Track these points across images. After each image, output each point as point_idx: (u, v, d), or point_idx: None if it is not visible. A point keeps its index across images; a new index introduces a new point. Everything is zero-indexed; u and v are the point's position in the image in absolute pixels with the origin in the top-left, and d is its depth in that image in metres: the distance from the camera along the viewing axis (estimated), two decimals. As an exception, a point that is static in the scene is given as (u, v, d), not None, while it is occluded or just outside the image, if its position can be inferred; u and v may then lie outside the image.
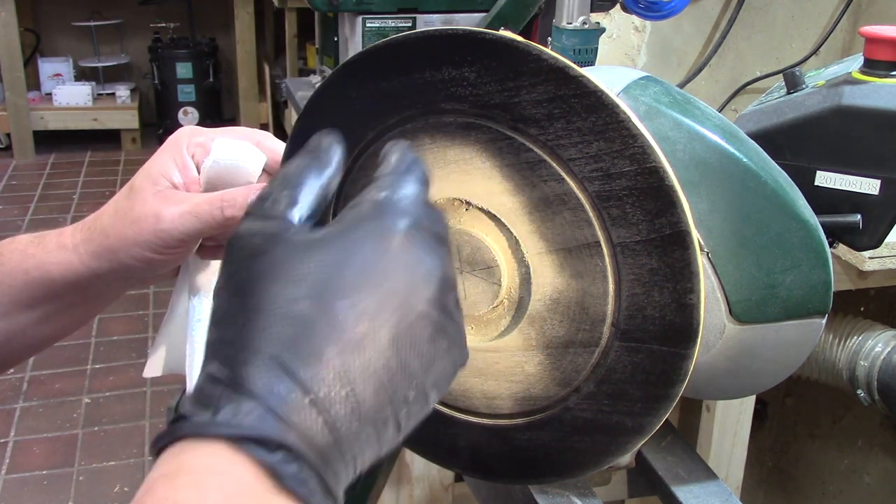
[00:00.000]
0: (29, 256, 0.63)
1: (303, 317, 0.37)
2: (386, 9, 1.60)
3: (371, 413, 0.37)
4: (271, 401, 0.35)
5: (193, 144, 0.62)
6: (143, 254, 0.60)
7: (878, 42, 0.77)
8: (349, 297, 0.37)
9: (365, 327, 0.37)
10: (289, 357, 0.36)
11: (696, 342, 0.52)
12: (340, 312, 0.37)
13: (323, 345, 0.36)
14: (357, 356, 0.37)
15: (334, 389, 0.36)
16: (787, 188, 0.65)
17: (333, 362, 0.36)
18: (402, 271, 0.39)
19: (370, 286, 0.38)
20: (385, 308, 0.38)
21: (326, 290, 0.37)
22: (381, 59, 0.55)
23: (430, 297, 0.40)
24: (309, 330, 0.37)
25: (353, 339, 0.37)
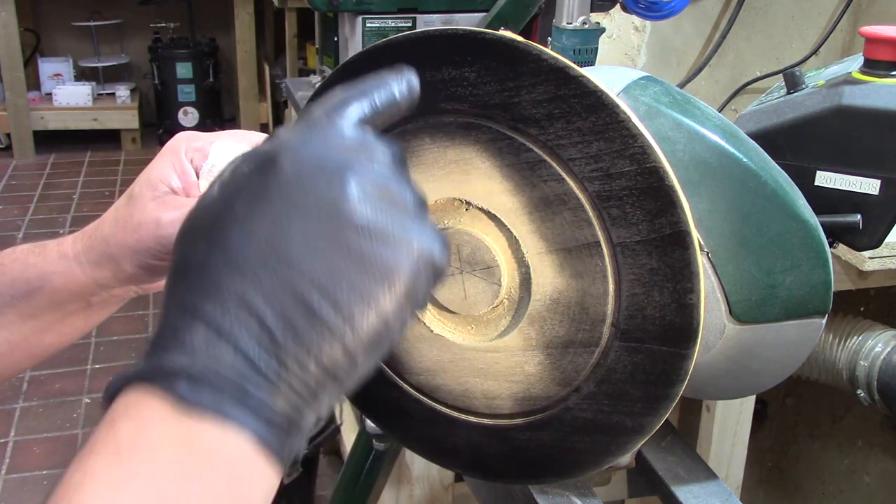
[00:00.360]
0: (30, 266, 0.63)
1: (199, 258, 0.38)
2: (386, 9, 1.60)
3: (292, 330, 0.37)
4: (178, 342, 0.36)
5: (192, 149, 0.62)
6: (145, 260, 0.60)
7: (878, 42, 0.77)
8: (238, 224, 0.38)
9: (256, 248, 0.37)
10: (195, 298, 0.37)
11: (696, 342, 0.52)
12: (230, 241, 0.38)
13: (223, 280, 0.37)
14: (256, 279, 0.37)
15: (240, 317, 0.36)
16: (787, 188, 0.65)
17: (236, 292, 0.37)
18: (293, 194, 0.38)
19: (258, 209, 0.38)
20: (277, 229, 0.38)
21: (216, 224, 0.38)
22: (380, 59, 0.55)
23: (332, 212, 0.38)
24: (209, 268, 0.37)
25: (244, 263, 0.37)
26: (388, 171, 0.40)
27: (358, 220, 0.38)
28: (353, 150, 0.40)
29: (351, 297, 0.37)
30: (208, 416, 0.35)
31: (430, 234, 0.40)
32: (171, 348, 0.36)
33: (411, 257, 0.39)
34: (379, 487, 1.33)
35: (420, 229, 0.39)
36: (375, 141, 0.41)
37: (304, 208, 0.38)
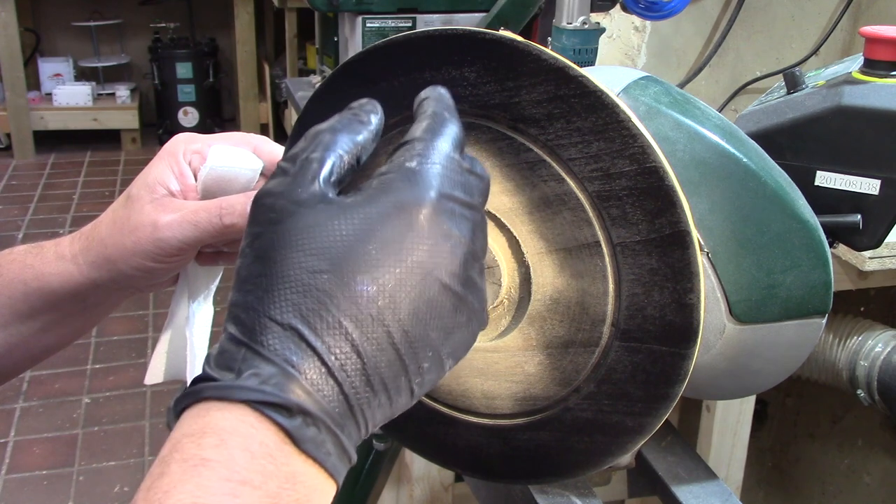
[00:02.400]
0: (27, 267, 0.62)
1: (323, 289, 0.39)
2: (386, 9, 1.60)
3: (385, 382, 0.40)
4: (290, 369, 0.38)
5: (190, 151, 0.62)
6: (142, 263, 0.60)
7: (878, 42, 0.77)
8: (369, 272, 0.39)
9: (383, 302, 0.39)
10: (308, 328, 0.38)
11: (696, 342, 0.52)
12: (359, 286, 0.39)
13: (340, 318, 0.39)
14: (373, 329, 0.39)
15: (350, 360, 0.39)
16: (787, 188, 0.65)
17: (350, 335, 0.39)
18: (427, 246, 0.40)
19: (392, 262, 0.40)
20: (405, 283, 0.40)
21: (347, 264, 0.39)
22: (381, 58, 0.55)
23: (453, 272, 0.41)
24: (327, 303, 0.39)
25: (371, 313, 0.39)
26: (483, 224, 0.44)
27: (458, 289, 0.41)
28: (466, 205, 0.43)
29: (431, 363, 0.41)
30: (314, 463, 0.38)
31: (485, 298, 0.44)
32: (275, 371, 0.38)
33: (478, 328, 0.43)
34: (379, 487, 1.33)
35: (484, 293, 0.43)
36: (473, 185, 0.44)
37: (423, 266, 0.41)
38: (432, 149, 0.43)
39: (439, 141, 0.43)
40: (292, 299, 0.39)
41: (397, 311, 0.39)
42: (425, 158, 0.42)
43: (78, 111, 4.29)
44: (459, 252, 0.41)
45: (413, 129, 0.44)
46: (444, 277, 0.41)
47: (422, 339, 0.40)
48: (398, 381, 0.40)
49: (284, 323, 0.38)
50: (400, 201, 0.41)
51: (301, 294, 0.39)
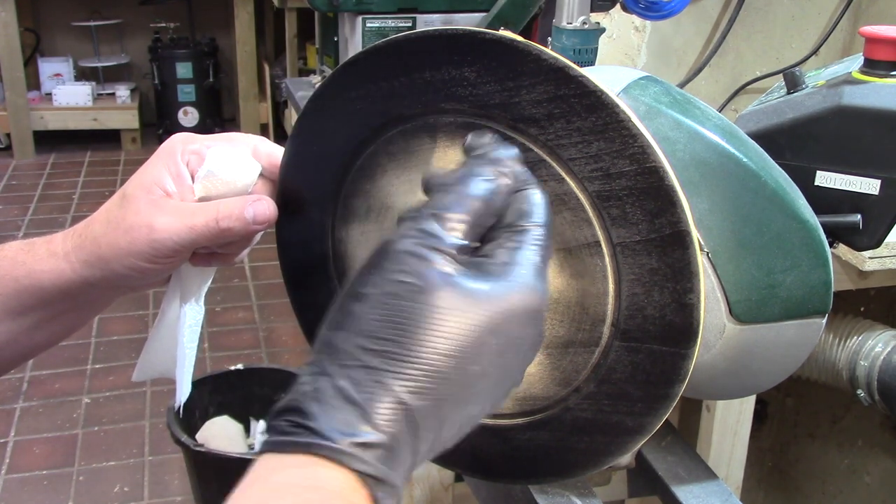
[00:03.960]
0: (19, 264, 0.62)
1: (443, 375, 0.42)
2: (386, 9, 1.60)
3: (441, 445, 0.44)
4: (396, 447, 0.41)
5: (188, 152, 0.61)
6: (136, 263, 0.59)
7: (878, 42, 0.77)
8: (481, 364, 0.43)
9: (481, 390, 0.44)
10: (419, 415, 0.41)
11: (696, 342, 0.52)
12: (472, 378, 0.43)
13: (448, 411, 0.42)
14: (464, 416, 0.44)
15: (435, 443, 0.43)
16: (787, 188, 0.65)
17: (448, 421, 0.43)
18: (520, 345, 0.45)
19: (497, 355, 0.44)
20: (502, 374, 0.45)
21: (469, 352, 0.42)
22: (381, 58, 0.55)
23: (525, 358, 0.47)
24: (443, 390, 0.42)
25: (470, 404, 0.43)
26: None
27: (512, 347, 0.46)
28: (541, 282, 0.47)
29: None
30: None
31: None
32: (380, 448, 0.41)
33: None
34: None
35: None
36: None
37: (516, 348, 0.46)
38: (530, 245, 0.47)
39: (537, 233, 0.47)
40: (415, 377, 0.41)
41: (484, 396, 0.44)
42: (537, 252, 0.46)
43: (78, 111, 4.29)
44: (534, 343, 0.47)
45: (512, 214, 0.48)
46: (521, 363, 0.47)
47: (487, 408, 0.45)
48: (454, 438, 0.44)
49: (402, 398, 0.41)
50: (523, 300, 0.45)
51: (425, 375, 0.41)
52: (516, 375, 0.47)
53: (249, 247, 0.67)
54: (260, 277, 3.12)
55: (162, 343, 0.69)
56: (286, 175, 0.63)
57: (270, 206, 0.60)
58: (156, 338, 0.69)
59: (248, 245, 0.66)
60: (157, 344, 0.69)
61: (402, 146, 0.56)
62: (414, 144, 0.56)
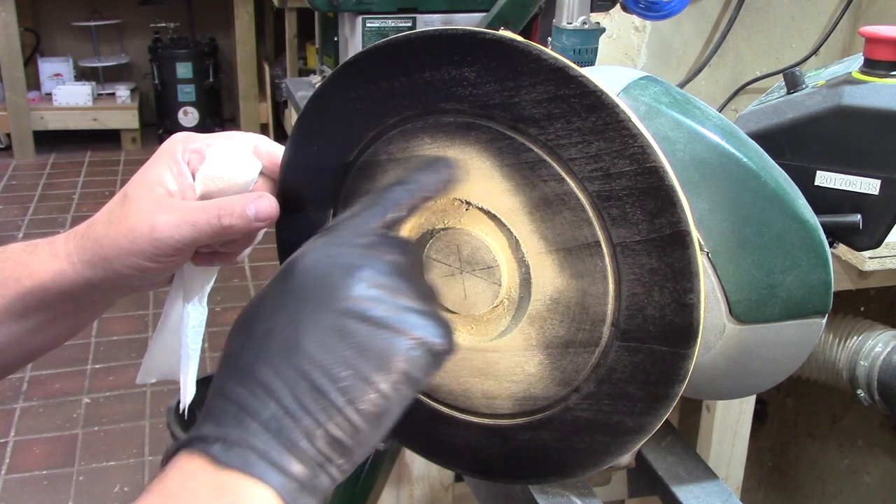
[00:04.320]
0: (21, 265, 0.62)
1: (234, 350, 0.47)
2: (386, 9, 1.60)
3: (305, 406, 0.44)
4: (215, 416, 0.45)
5: (188, 151, 0.61)
6: (138, 262, 0.59)
7: (878, 42, 0.77)
8: (263, 320, 0.46)
9: (276, 339, 0.45)
10: (226, 383, 0.46)
11: (696, 342, 0.52)
12: (257, 335, 0.46)
13: (246, 365, 0.46)
14: (271, 366, 0.45)
15: (261, 396, 0.44)
16: (787, 188, 0.65)
17: (255, 376, 0.45)
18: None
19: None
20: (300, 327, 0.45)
21: (248, 322, 0.48)
22: (381, 59, 0.55)
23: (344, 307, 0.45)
24: (238, 358, 0.47)
25: (266, 353, 0.45)
26: (395, 268, 0.47)
27: (358, 310, 0.45)
28: (364, 251, 0.47)
29: (352, 379, 0.44)
30: (237, 472, 0.42)
31: (431, 322, 0.47)
32: (210, 422, 0.44)
33: (407, 344, 0.45)
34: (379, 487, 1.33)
35: (420, 319, 0.46)
36: (387, 242, 0.49)
37: (315, 302, 0.45)
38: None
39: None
40: (223, 367, 0.47)
41: (297, 348, 0.44)
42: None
43: (78, 111, 4.29)
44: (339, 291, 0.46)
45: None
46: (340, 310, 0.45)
47: (329, 363, 0.44)
48: (319, 401, 0.44)
49: (217, 387, 0.45)
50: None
51: (226, 362, 0.47)
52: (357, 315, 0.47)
53: (251, 245, 0.67)
54: (260, 277, 3.11)
55: (165, 344, 0.69)
56: (286, 175, 0.63)
57: (272, 203, 0.60)
58: (159, 339, 0.69)
59: (249, 244, 0.66)
60: (161, 345, 0.69)
61: (402, 146, 0.56)
62: (414, 144, 0.56)
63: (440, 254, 0.57)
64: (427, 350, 0.46)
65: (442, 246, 0.57)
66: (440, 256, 0.57)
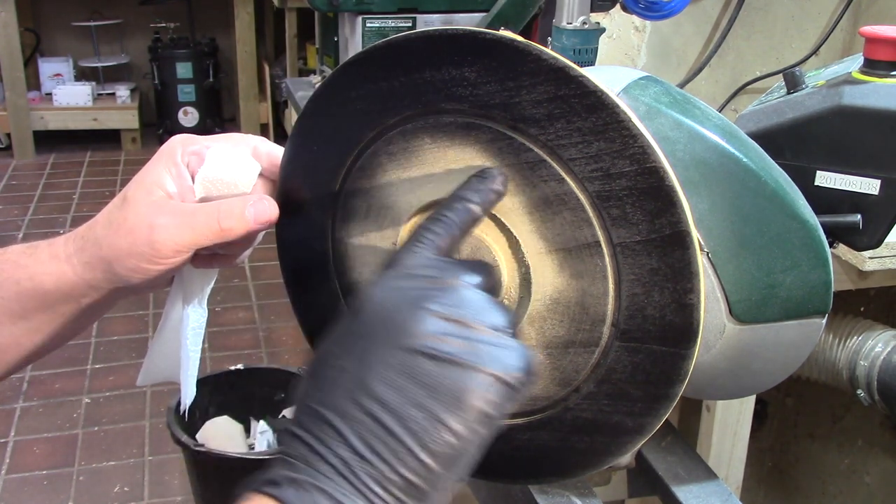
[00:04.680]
0: (21, 267, 0.62)
1: (303, 395, 0.47)
2: (386, 9, 1.60)
3: (373, 449, 0.43)
4: (286, 460, 0.44)
5: (188, 153, 0.61)
6: (138, 265, 0.59)
7: (878, 42, 0.77)
8: (331, 363, 0.46)
9: (343, 383, 0.45)
10: (296, 428, 0.45)
11: (696, 342, 0.52)
12: (325, 379, 0.45)
13: (315, 410, 0.45)
14: (339, 409, 0.44)
15: (331, 440, 0.44)
16: (787, 188, 0.65)
17: (324, 420, 0.45)
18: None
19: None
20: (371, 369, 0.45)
21: (318, 366, 0.47)
22: (381, 58, 0.55)
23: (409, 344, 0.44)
24: (306, 403, 0.46)
25: (333, 397, 0.45)
26: (465, 296, 0.46)
27: (427, 347, 0.43)
28: (429, 282, 0.46)
29: (423, 421, 0.43)
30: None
31: (505, 354, 0.45)
32: (280, 466, 0.44)
33: (481, 380, 0.44)
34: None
35: (494, 351, 0.44)
36: (453, 268, 0.48)
37: (383, 340, 0.44)
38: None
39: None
40: (295, 413, 0.46)
41: (366, 389, 0.43)
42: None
43: (78, 111, 4.29)
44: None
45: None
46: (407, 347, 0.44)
47: (398, 404, 0.43)
48: (390, 444, 0.43)
49: (287, 431, 0.45)
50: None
51: (297, 407, 0.46)
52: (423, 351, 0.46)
53: (251, 248, 0.67)
54: (260, 277, 3.12)
55: (165, 347, 0.69)
56: (286, 175, 0.63)
57: (271, 206, 0.60)
58: (159, 341, 0.69)
59: (249, 246, 0.66)
60: (161, 348, 0.69)
61: (402, 146, 0.56)
62: (414, 144, 0.56)
63: (440, 254, 0.57)
64: (503, 384, 0.44)
65: (442, 246, 0.57)
66: (440, 256, 0.57)
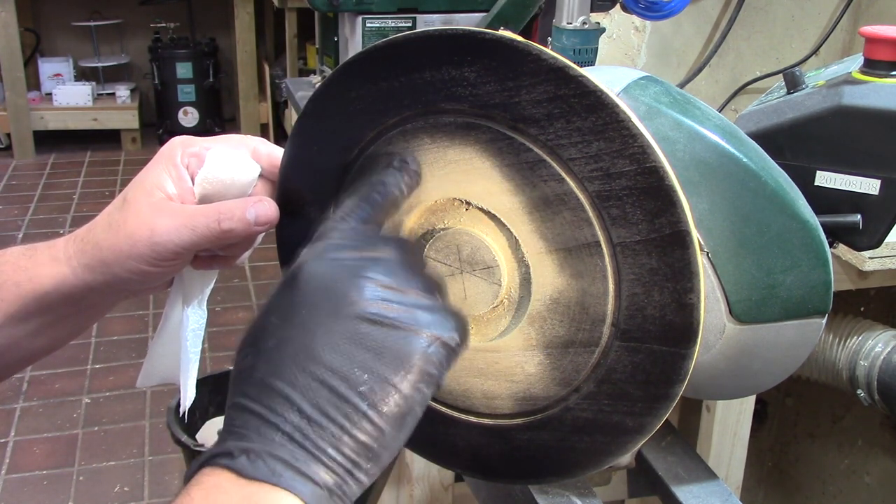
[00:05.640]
0: (21, 269, 0.62)
1: (247, 365, 0.46)
2: (386, 9, 1.60)
3: (325, 413, 0.44)
4: (237, 431, 0.45)
5: (188, 155, 0.61)
6: (138, 266, 0.59)
7: (878, 42, 0.77)
8: (273, 333, 0.46)
9: (288, 351, 0.45)
10: (243, 400, 0.46)
11: (696, 342, 0.52)
12: (268, 348, 0.45)
13: (261, 379, 0.46)
14: (287, 377, 0.45)
15: (281, 407, 0.44)
16: (787, 188, 0.65)
17: (272, 388, 0.45)
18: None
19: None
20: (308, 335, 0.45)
21: (258, 336, 0.47)
22: (381, 58, 0.55)
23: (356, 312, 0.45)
24: (252, 372, 0.46)
25: (280, 364, 0.45)
26: (395, 265, 0.48)
27: (370, 313, 0.45)
28: (365, 253, 0.48)
29: (371, 383, 0.44)
30: (265, 483, 0.42)
31: (441, 317, 0.47)
32: (231, 438, 0.44)
33: (423, 342, 0.46)
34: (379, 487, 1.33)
35: (431, 314, 0.46)
36: (383, 242, 0.49)
37: (325, 309, 0.45)
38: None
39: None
40: (238, 384, 0.46)
41: (312, 356, 0.44)
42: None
43: (78, 111, 4.29)
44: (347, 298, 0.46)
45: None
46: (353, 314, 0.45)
47: (347, 368, 0.44)
48: (341, 407, 0.44)
49: (235, 403, 0.45)
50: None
51: (239, 378, 0.46)
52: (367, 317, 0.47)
53: (251, 249, 0.67)
54: (260, 277, 3.12)
55: (165, 348, 0.69)
56: (286, 175, 0.63)
57: (272, 207, 0.60)
58: (159, 342, 0.69)
59: (249, 247, 0.66)
60: (161, 349, 0.69)
61: (402, 146, 0.56)
62: (414, 144, 0.56)
63: (440, 254, 0.57)
64: (442, 345, 0.46)
65: (442, 246, 0.57)
66: (440, 256, 0.57)
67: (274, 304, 0.47)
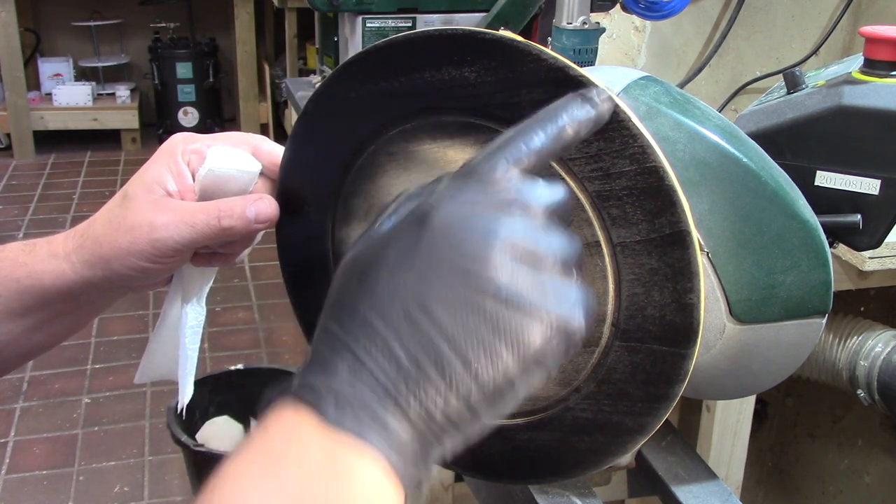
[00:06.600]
0: (20, 265, 0.62)
1: (352, 298, 0.43)
2: (386, 9, 1.60)
3: (414, 372, 0.40)
4: (328, 367, 0.41)
5: (188, 151, 0.61)
6: (137, 263, 0.59)
7: (878, 42, 0.77)
8: (388, 273, 0.42)
9: (400, 298, 0.42)
10: (341, 333, 0.42)
11: (696, 342, 0.52)
12: (379, 287, 0.42)
13: (364, 318, 0.42)
14: (392, 325, 0.41)
15: (379, 354, 0.41)
16: (787, 188, 0.65)
17: (375, 332, 0.41)
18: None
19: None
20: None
21: (371, 269, 0.44)
22: (381, 58, 0.55)
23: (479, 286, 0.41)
24: (355, 308, 0.43)
25: (388, 309, 0.41)
26: (538, 225, 0.42)
27: (495, 288, 0.41)
28: (505, 204, 0.42)
29: (479, 356, 0.40)
30: (349, 437, 0.39)
31: (570, 301, 0.42)
32: (320, 372, 0.41)
33: (544, 326, 0.41)
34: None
35: (560, 296, 0.42)
36: (531, 191, 0.43)
37: (448, 267, 0.41)
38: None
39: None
40: (337, 314, 0.43)
41: (425, 308, 0.41)
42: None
43: (78, 111, 4.29)
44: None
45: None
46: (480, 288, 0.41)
47: (458, 335, 0.41)
48: (443, 369, 0.41)
49: (330, 335, 0.42)
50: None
51: (341, 308, 0.43)
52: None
53: (250, 247, 0.67)
54: (260, 277, 3.12)
55: (164, 345, 0.69)
56: (286, 175, 0.63)
57: (272, 205, 0.60)
58: (157, 339, 0.69)
59: (249, 245, 0.66)
60: (159, 345, 0.69)
61: (402, 146, 0.56)
62: (414, 144, 0.56)
63: (440, 254, 0.57)
64: (566, 337, 0.42)
65: (442, 246, 0.57)
66: (440, 256, 0.57)
67: (393, 240, 0.43)
